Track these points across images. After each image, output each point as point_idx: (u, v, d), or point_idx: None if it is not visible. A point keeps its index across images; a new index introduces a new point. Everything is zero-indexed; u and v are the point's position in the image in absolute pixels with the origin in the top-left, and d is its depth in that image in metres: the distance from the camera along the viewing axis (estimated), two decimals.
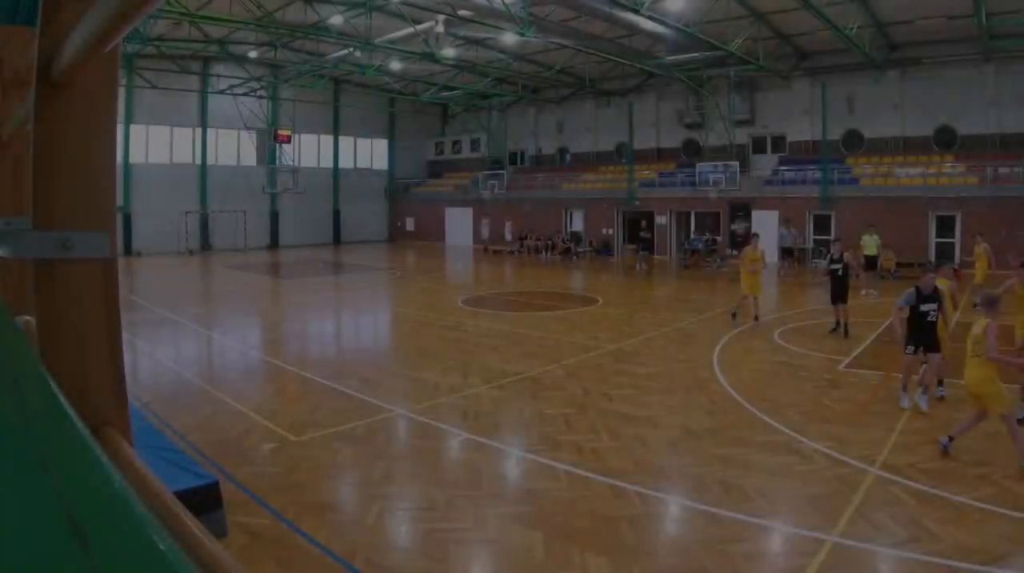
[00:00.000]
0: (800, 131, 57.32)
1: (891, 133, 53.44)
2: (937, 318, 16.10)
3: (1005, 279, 18.16)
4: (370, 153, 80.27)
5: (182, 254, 61.27)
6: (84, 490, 1.20)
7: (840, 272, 23.94)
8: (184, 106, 63.10)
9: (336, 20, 44.86)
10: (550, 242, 61.03)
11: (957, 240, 45.53)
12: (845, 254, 24.15)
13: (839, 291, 23.97)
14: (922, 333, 16.05)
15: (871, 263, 37.43)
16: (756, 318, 26.58)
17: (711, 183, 53.45)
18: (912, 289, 16.19)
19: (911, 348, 16.06)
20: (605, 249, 62.05)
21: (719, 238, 55.65)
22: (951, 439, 13.01)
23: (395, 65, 58.09)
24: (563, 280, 44.92)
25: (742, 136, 59.56)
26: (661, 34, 43.99)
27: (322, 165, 74.80)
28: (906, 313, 16.10)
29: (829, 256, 24.29)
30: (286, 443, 13.71)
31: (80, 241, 2.60)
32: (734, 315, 27.35)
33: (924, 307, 16.03)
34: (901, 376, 16.36)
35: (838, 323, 24.09)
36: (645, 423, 14.93)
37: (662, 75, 56.40)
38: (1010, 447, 12.66)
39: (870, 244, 37.26)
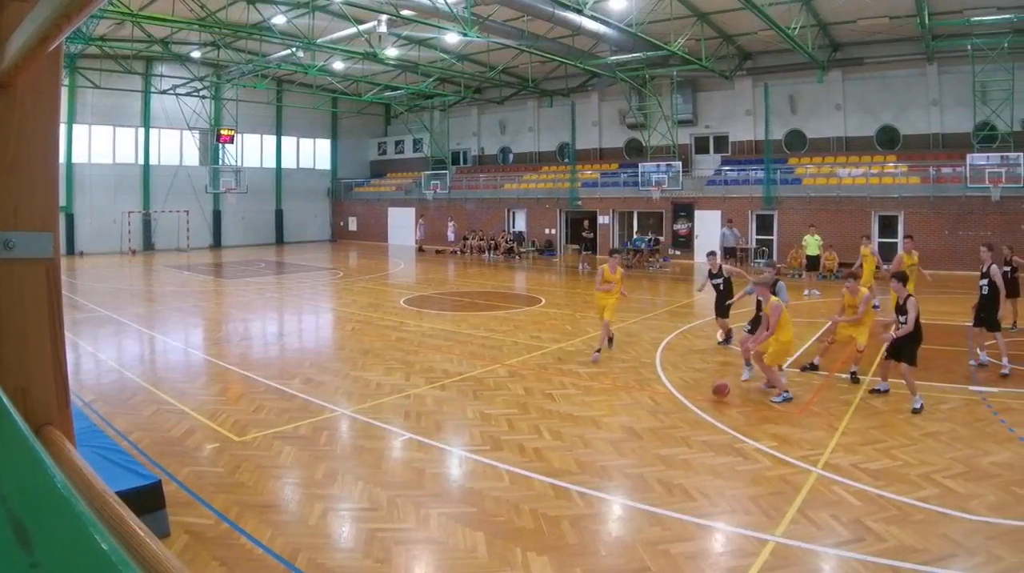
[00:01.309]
0: (743, 131, 57.83)
1: (834, 133, 53.93)
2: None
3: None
4: (313, 153, 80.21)
5: (125, 254, 60.84)
6: (26, 490, 1.21)
7: (722, 286, 23.22)
8: (127, 106, 62.86)
9: (279, 20, 44.94)
10: (493, 242, 60.92)
11: (900, 240, 45.07)
12: (724, 267, 23.43)
13: (722, 305, 23.12)
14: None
15: (813, 263, 37.65)
16: None
17: (654, 183, 53.44)
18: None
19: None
20: (548, 249, 62.19)
21: (662, 238, 55.84)
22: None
23: (338, 65, 58.06)
24: (506, 280, 44.95)
25: (685, 136, 59.70)
26: (604, 34, 44.22)
27: (265, 165, 74.72)
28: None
29: (708, 270, 23.80)
30: (228, 443, 13.69)
31: (22, 241, 2.60)
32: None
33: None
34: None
35: (728, 337, 23.18)
36: (587, 423, 14.99)
37: (605, 75, 56.53)
38: (952, 446, 13.14)
39: (812, 244, 37.37)
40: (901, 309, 16.29)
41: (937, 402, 16.23)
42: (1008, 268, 23.89)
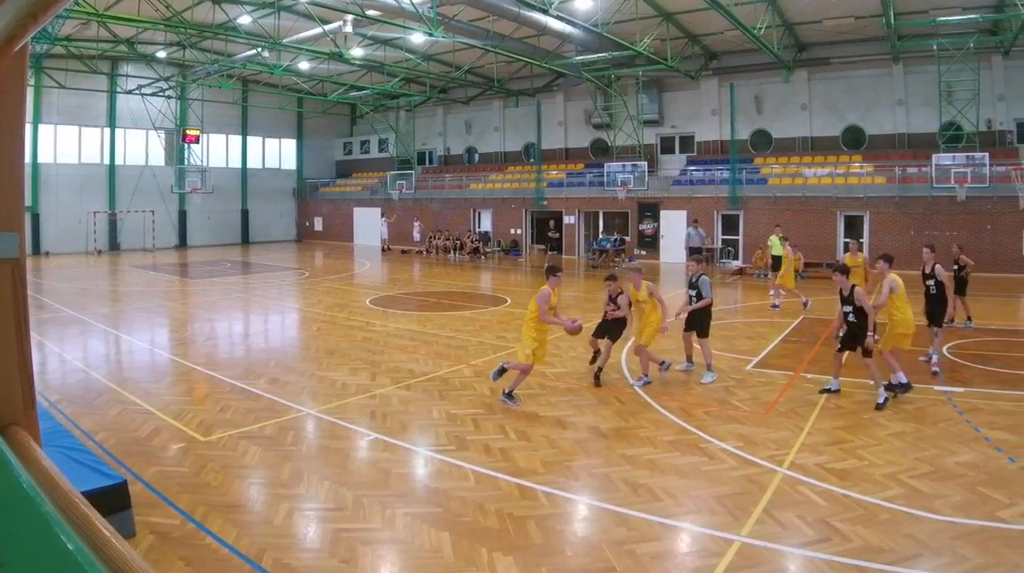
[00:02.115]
0: (708, 131, 57.84)
1: (799, 133, 54.08)
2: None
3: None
4: (278, 153, 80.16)
5: (91, 254, 60.60)
6: None
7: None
8: (92, 106, 62.62)
9: (244, 20, 44.66)
10: (458, 242, 60.88)
11: (866, 240, 45.87)
12: (620, 297, 22.16)
13: (613, 328, 20.03)
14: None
15: (778, 264, 36.64)
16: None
17: (619, 183, 53.59)
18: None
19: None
20: (514, 249, 62.25)
21: (627, 238, 55.79)
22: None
23: (304, 65, 58.01)
24: (472, 280, 45.01)
25: (650, 136, 59.85)
26: (569, 34, 44.27)
27: (230, 165, 74.56)
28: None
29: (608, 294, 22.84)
30: (194, 443, 13.64)
31: None
32: None
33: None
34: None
35: (596, 354, 20.65)
36: (553, 423, 15.02)
37: (570, 75, 56.58)
38: (918, 446, 13.27)
39: (776, 244, 36.86)
40: (847, 300, 16.46)
41: (902, 402, 16.30)
42: (956, 266, 24.48)
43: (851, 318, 16.45)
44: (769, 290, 34.12)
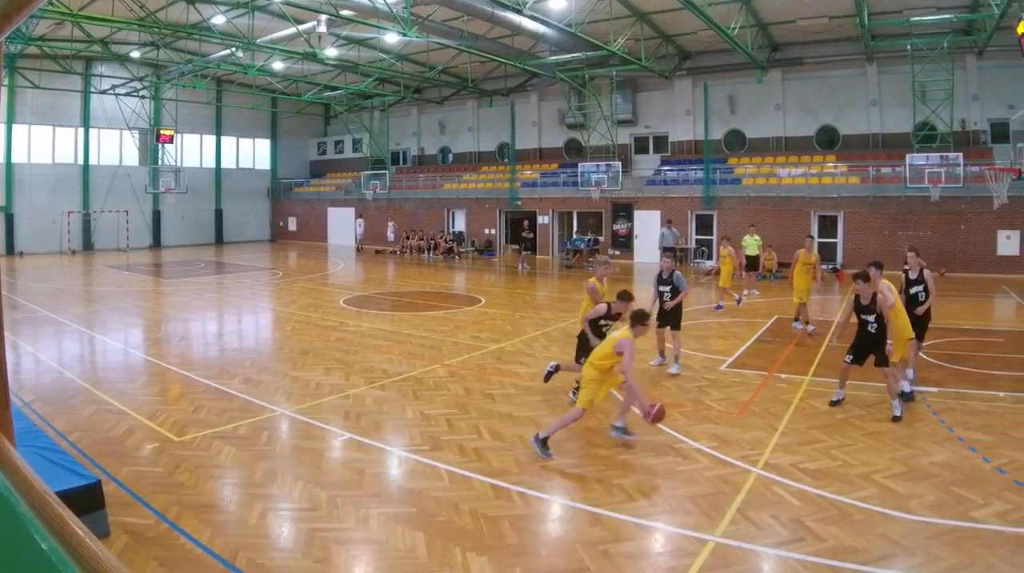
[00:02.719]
0: (682, 131, 57.97)
1: (773, 133, 54.31)
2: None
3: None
4: (252, 153, 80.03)
5: (65, 254, 60.39)
6: None
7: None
8: (67, 106, 62.41)
9: (218, 20, 44.55)
10: (432, 242, 60.79)
11: (839, 240, 46.44)
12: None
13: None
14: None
15: (752, 263, 37.44)
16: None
17: (593, 183, 53.58)
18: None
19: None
20: (488, 249, 62.31)
21: (601, 238, 55.84)
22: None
23: (278, 65, 57.96)
24: (446, 280, 44.98)
25: (624, 136, 59.95)
26: (543, 34, 44.36)
27: (204, 165, 74.35)
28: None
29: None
30: (168, 443, 13.61)
31: None
32: None
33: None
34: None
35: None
36: (527, 423, 15.01)
37: (544, 75, 56.66)
38: (892, 446, 13.39)
39: (751, 244, 37.29)
40: (867, 309, 16.07)
41: (877, 402, 16.32)
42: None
43: (872, 328, 16.04)
44: (743, 290, 34.23)
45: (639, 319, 14.18)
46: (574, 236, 56.68)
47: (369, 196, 69.02)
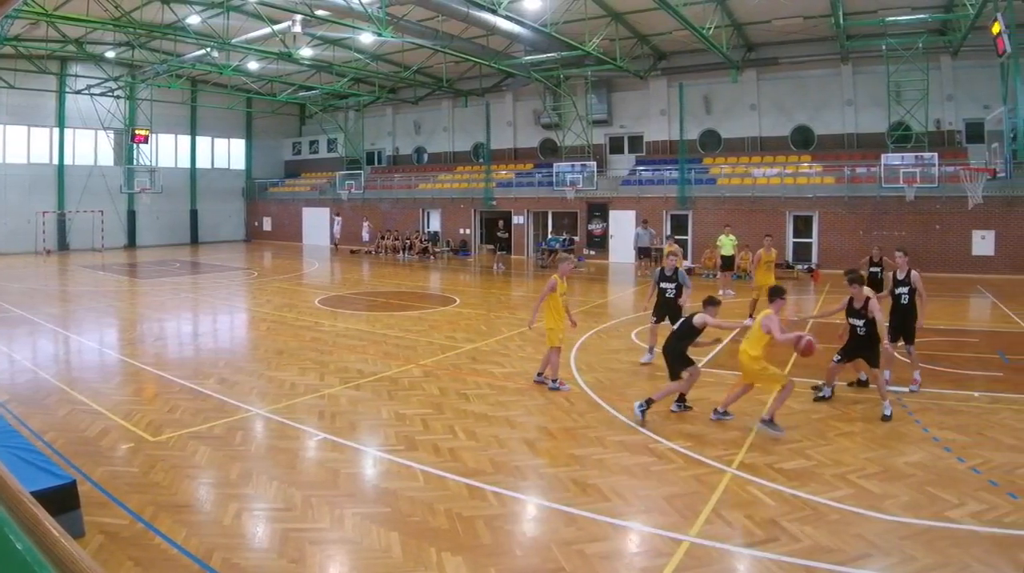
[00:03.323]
0: (657, 131, 58.24)
1: (748, 133, 54.61)
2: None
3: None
4: (227, 153, 79.98)
5: (40, 254, 60.27)
6: None
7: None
8: (42, 106, 62.33)
9: (193, 20, 44.46)
10: (408, 242, 60.80)
11: (814, 240, 46.71)
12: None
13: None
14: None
15: (727, 263, 37.78)
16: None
17: (568, 183, 53.71)
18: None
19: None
20: (463, 249, 62.38)
21: (576, 238, 55.97)
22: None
23: (252, 65, 57.90)
24: (421, 280, 45.05)
25: (599, 136, 60.21)
26: (518, 34, 44.41)
27: (179, 165, 74.26)
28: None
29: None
30: (143, 443, 13.60)
31: None
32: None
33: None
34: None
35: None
36: (502, 423, 15.05)
37: (519, 75, 56.77)
38: (867, 446, 13.48)
39: (727, 244, 37.45)
40: (858, 313, 16.24)
41: (852, 402, 16.52)
42: (877, 268, 24.66)
43: (861, 331, 16.24)
44: (718, 289, 34.40)
45: (776, 294, 15.47)
46: (549, 236, 56.44)
47: (344, 196, 69.13)
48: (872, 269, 24.83)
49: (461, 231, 63.81)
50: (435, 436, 14.20)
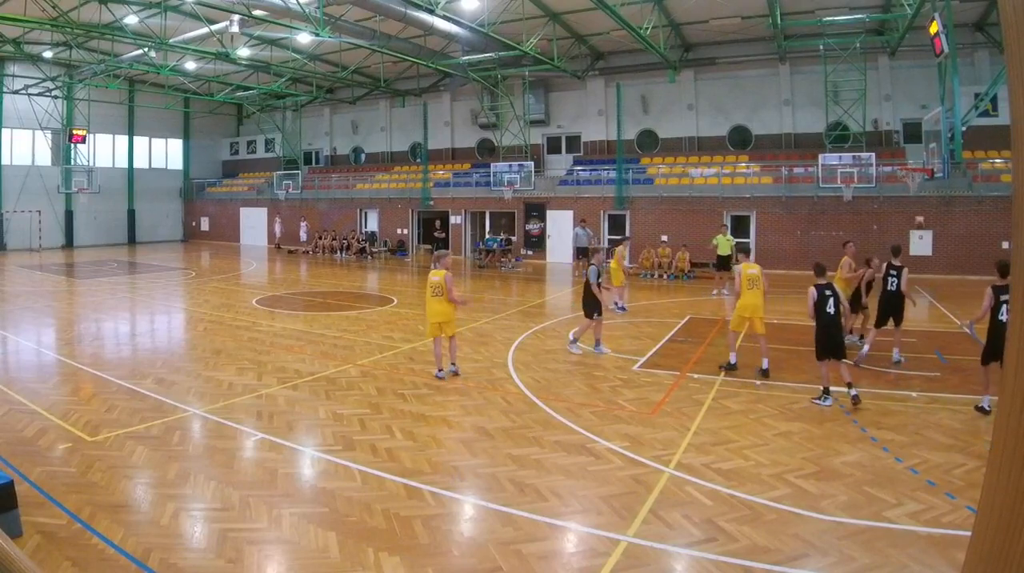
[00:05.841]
0: (595, 131, 58.69)
1: (686, 133, 54.93)
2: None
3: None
4: (165, 153, 79.54)
5: None
6: None
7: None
8: None
9: (131, 20, 44.21)
10: (345, 242, 61.01)
11: (752, 240, 46.80)
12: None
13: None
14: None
15: (723, 263, 37.11)
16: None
17: (506, 183, 53.78)
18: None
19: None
20: (400, 249, 62.54)
21: (514, 238, 56.29)
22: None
23: (190, 65, 57.61)
24: (358, 280, 45.12)
25: (537, 136, 60.56)
26: (456, 34, 44.51)
27: (117, 165, 73.93)
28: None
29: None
30: (81, 443, 13.54)
31: None
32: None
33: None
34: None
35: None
36: (440, 423, 15.12)
37: (457, 75, 56.90)
38: (804, 446, 13.59)
39: (723, 244, 37.24)
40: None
41: (789, 402, 16.61)
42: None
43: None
44: (713, 290, 35.37)
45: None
46: (487, 236, 56.64)
47: (282, 196, 69.29)
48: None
49: (399, 231, 63.96)
50: (373, 436, 14.25)
